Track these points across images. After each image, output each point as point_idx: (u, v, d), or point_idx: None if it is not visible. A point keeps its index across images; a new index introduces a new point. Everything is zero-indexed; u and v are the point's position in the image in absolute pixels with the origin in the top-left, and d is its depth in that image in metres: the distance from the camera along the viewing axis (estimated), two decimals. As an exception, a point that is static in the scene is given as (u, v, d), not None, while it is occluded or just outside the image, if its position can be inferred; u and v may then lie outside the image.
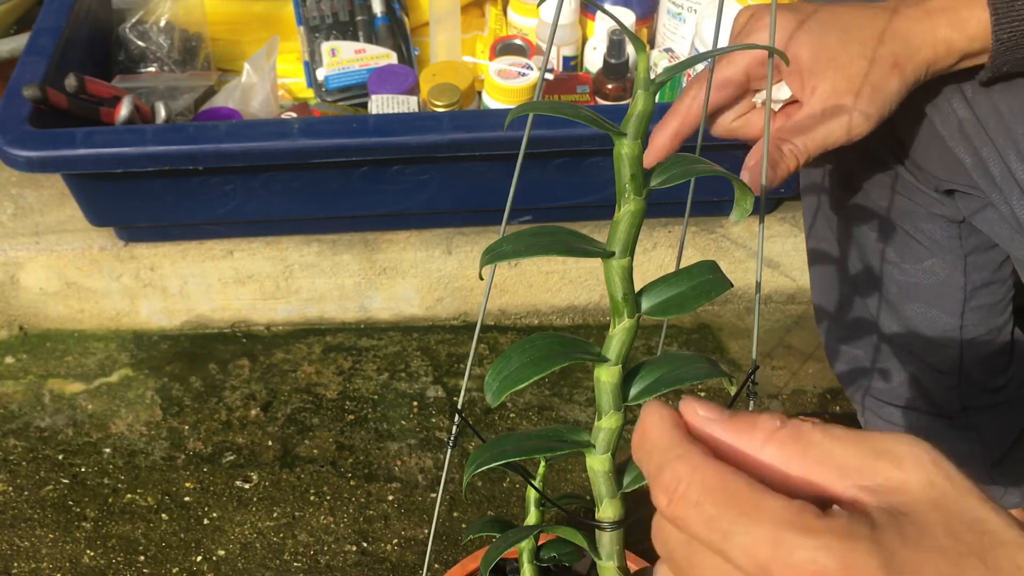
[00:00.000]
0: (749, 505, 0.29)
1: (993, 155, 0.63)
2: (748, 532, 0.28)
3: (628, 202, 0.39)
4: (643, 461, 0.33)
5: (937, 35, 0.57)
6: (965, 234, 0.73)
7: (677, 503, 0.30)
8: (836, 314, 0.85)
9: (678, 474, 0.31)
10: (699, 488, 0.30)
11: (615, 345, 0.42)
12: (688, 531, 0.30)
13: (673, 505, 0.30)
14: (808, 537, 0.28)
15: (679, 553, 0.31)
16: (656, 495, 0.31)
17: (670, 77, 0.37)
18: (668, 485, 0.31)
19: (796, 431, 0.31)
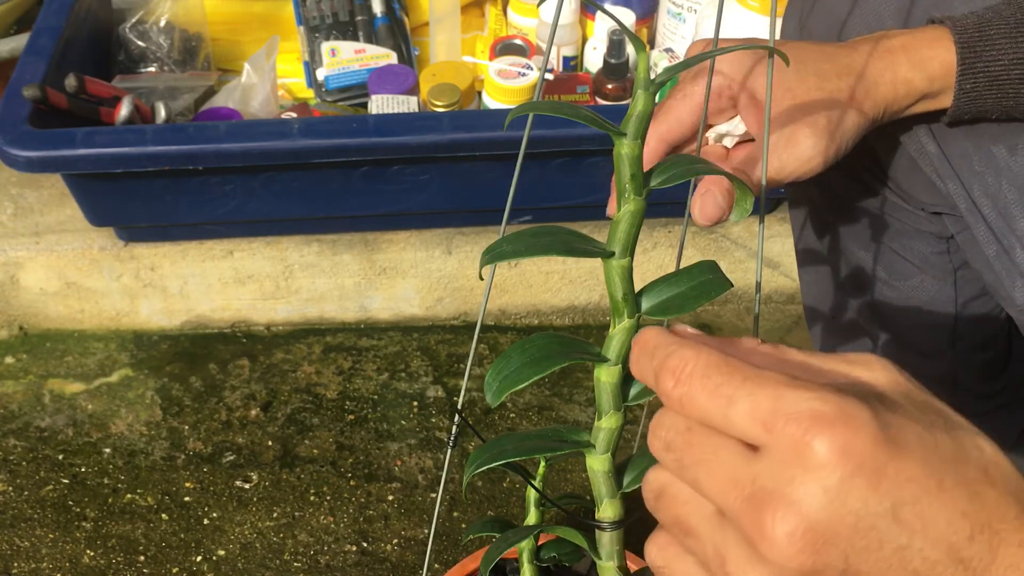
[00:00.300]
0: (752, 373, 0.31)
1: (959, 190, 0.63)
2: (752, 394, 0.31)
3: (628, 202, 0.39)
4: (645, 361, 0.35)
5: (897, 74, 0.56)
6: (954, 249, 0.73)
7: (684, 380, 0.32)
8: (828, 321, 0.85)
9: (685, 356, 0.33)
10: (705, 363, 0.32)
11: (615, 345, 0.42)
12: (693, 405, 0.32)
13: (680, 384, 0.33)
14: (808, 391, 0.30)
15: (679, 441, 0.33)
16: (663, 380, 0.33)
17: (670, 77, 0.37)
18: (675, 367, 0.33)
19: (775, 346, 0.34)
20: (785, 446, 0.30)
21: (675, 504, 0.34)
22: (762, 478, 0.30)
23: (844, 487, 0.29)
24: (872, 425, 0.30)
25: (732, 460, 0.31)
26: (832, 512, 0.29)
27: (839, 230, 0.77)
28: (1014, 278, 0.62)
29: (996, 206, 0.61)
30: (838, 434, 0.29)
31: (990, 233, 0.62)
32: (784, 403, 0.30)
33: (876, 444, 0.29)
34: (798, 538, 0.29)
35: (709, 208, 0.52)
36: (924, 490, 0.30)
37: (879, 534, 0.29)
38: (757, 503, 0.30)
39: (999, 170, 0.61)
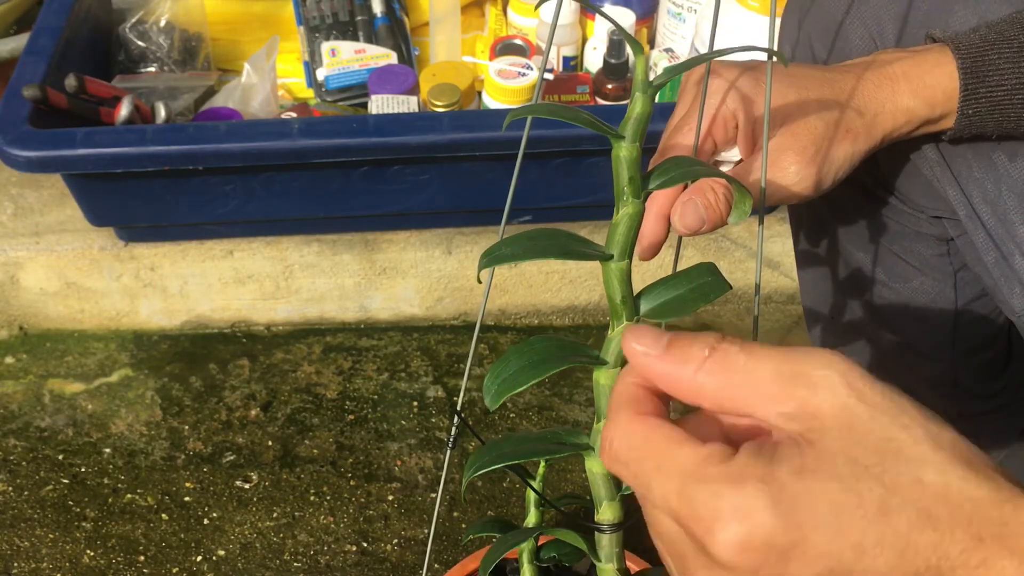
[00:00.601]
0: (663, 458, 0.32)
1: (958, 195, 0.62)
2: (662, 485, 0.32)
3: (626, 205, 0.39)
4: None
5: (898, 103, 0.55)
6: (954, 251, 0.73)
7: (609, 458, 0.34)
8: (827, 322, 0.85)
9: (609, 436, 0.34)
10: (625, 447, 0.34)
11: (614, 348, 0.42)
12: (624, 478, 0.34)
13: (607, 458, 0.35)
14: (705, 485, 0.31)
15: (629, 479, 0.35)
16: (600, 448, 0.36)
17: (668, 79, 0.37)
18: (603, 446, 0.35)
19: (723, 358, 0.33)
20: (692, 542, 0.31)
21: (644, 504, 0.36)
22: (687, 548, 0.32)
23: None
24: (768, 515, 0.29)
25: (667, 522, 0.33)
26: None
27: (839, 232, 0.77)
28: (1012, 285, 0.62)
29: (996, 212, 0.61)
30: (734, 532, 0.30)
31: (989, 239, 0.62)
32: (685, 502, 0.31)
33: (775, 533, 0.29)
34: None
35: (689, 217, 0.52)
36: (839, 562, 0.29)
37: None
38: (687, 565, 0.33)
39: (999, 177, 0.60)
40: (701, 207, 0.51)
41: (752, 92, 0.55)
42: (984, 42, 0.55)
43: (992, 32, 0.55)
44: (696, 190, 0.52)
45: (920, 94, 0.55)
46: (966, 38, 0.56)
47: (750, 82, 0.56)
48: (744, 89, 0.55)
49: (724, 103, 0.55)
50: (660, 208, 0.55)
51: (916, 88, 0.55)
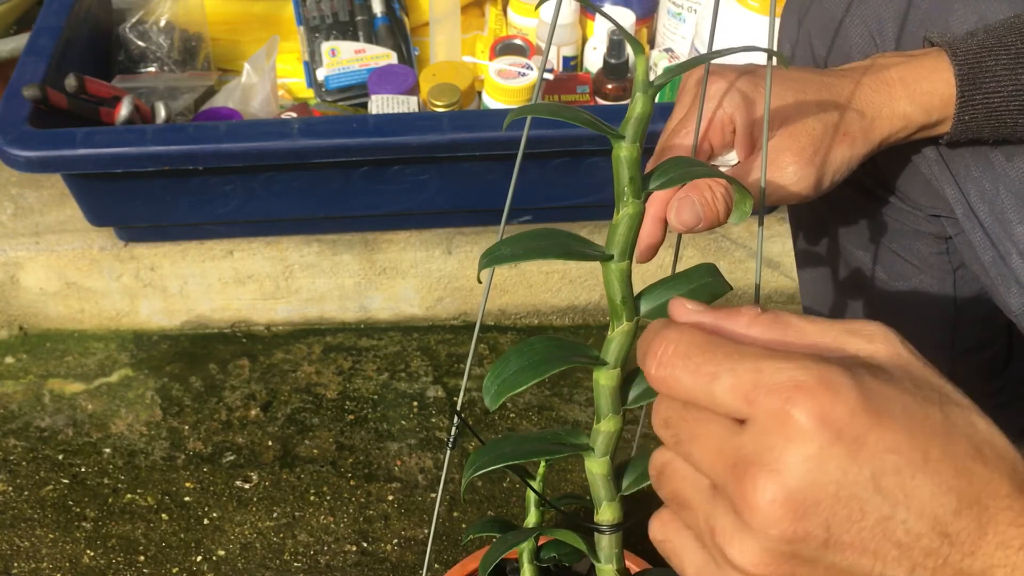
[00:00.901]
0: (732, 350, 0.32)
1: (956, 194, 0.63)
2: (732, 369, 0.31)
3: (627, 205, 0.39)
4: (639, 350, 0.35)
5: (895, 109, 0.56)
6: (953, 249, 0.73)
7: (667, 362, 0.33)
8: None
9: (668, 337, 0.33)
10: (687, 344, 0.33)
11: (614, 349, 0.42)
12: (677, 386, 0.33)
13: (662, 365, 0.33)
14: (787, 361, 0.31)
15: (675, 418, 0.34)
16: (647, 363, 0.34)
17: (669, 79, 0.37)
18: (658, 349, 0.33)
19: (775, 315, 0.34)
20: (766, 417, 0.30)
21: (673, 479, 0.35)
22: (746, 448, 0.31)
23: (823, 455, 0.29)
24: (853, 393, 0.30)
25: (720, 433, 0.32)
26: (812, 480, 0.29)
27: (838, 230, 0.77)
28: (1009, 284, 0.62)
29: (993, 211, 0.61)
30: (817, 403, 0.29)
31: (986, 238, 0.62)
32: (763, 375, 0.31)
33: (855, 413, 0.30)
34: (779, 505, 0.30)
35: (686, 214, 0.52)
36: (907, 461, 0.30)
37: (860, 503, 0.30)
38: (740, 472, 0.31)
39: (996, 176, 0.61)
40: (698, 204, 0.52)
41: (750, 95, 0.56)
42: (981, 48, 0.55)
43: (990, 37, 0.55)
44: (693, 187, 0.52)
45: (917, 100, 0.56)
46: (963, 43, 0.56)
47: (748, 85, 0.56)
48: (741, 92, 0.55)
49: (721, 106, 0.55)
50: (657, 210, 0.55)
51: (913, 94, 0.56)
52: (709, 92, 0.55)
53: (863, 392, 0.30)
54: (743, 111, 0.55)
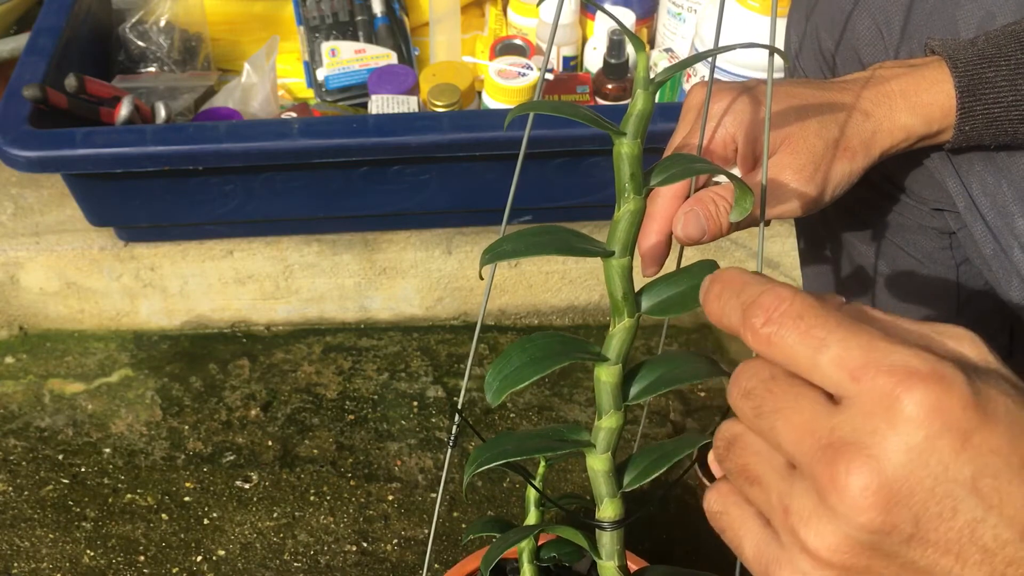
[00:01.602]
0: (847, 322, 0.30)
1: (958, 188, 0.63)
2: (844, 341, 0.30)
3: (628, 201, 0.39)
4: (730, 297, 0.33)
5: (895, 121, 0.56)
6: (956, 244, 0.73)
7: (777, 319, 0.31)
8: None
9: (781, 295, 0.31)
10: (801, 304, 0.31)
11: (615, 344, 0.42)
12: (782, 344, 0.31)
13: (771, 322, 0.31)
14: (903, 347, 0.29)
15: (759, 389, 0.32)
16: (753, 316, 0.32)
17: (669, 76, 0.37)
18: (769, 304, 0.31)
19: (860, 308, 0.33)
20: (872, 398, 0.29)
21: (745, 453, 0.33)
22: (842, 428, 0.29)
23: (927, 447, 0.28)
24: (965, 389, 0.29)
25: (812, 409, 0.30)
26: (910, 471, 0.28)
27: (842, 225, 0.78)
28: (1011, 277, 0.63)
29: (995, 205, 0.61)
30: (930, 392, 0.28)
31: (988, 232, 0.63)
32: (877, 354, 0.29)
33: (966, 409, 0.28)
34: (871, 492, 0.28)
35: (691, 227, 0.53)
36: (1007, 465, 0.29)
37: (954, 502, 0.29)
38: (833, 452, 0.29)
39: (999, 170, 0.61)
40: (703, 218, 0.53)
41: (750, 113, 0.56)
42: (981, 58, 0.55)
43: (990, 46, 0.56)
44: (698, 201, 0.53)
45: (918, 112, 0.56)
46: (964, 53, 0.56)
47: (748, 104, 0.56)
48: (742, 111, 0.56)
49: (723, 125, 0.56)
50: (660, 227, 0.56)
51: (914, 106, 0.56)
52: (710, 112, 0.56)
53: (974, 389, 0.29)
54: (744, 129, 0.56)
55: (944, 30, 0.61)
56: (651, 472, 0.45)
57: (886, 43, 0.64)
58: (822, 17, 0.68)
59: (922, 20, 0.62)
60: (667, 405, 1.14)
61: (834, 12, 0.66)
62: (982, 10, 0.60)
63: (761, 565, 0.33)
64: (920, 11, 0.62)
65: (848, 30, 0.65)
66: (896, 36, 0.63)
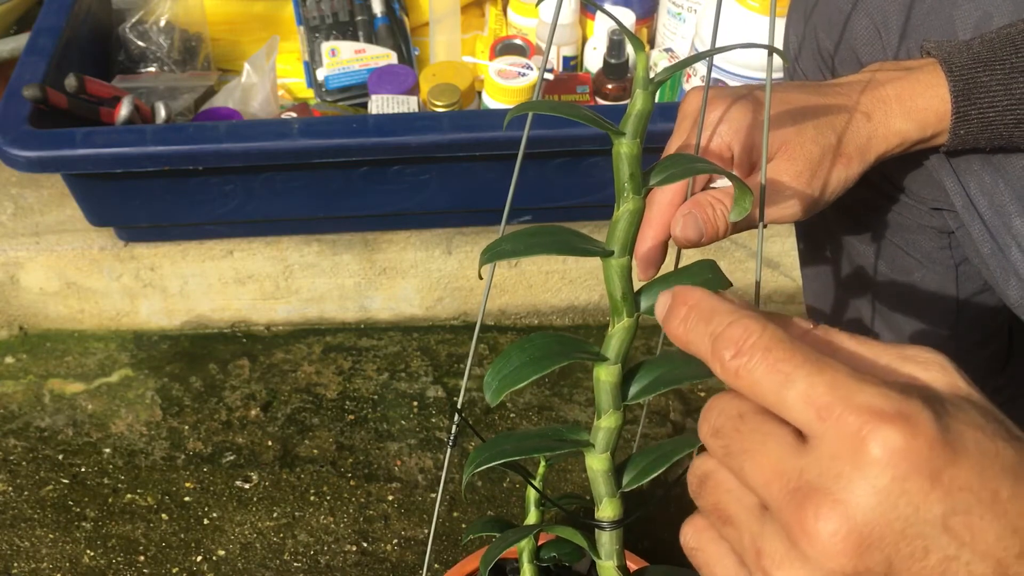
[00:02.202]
0: (814, 357, 0.30)
1: (956, 187, 0.63)
2: (810, 376, 0.29)
3: (627, 201, 0.39)
4: (699, 325, 0.33)
5: (891, 127, 0.56)
6: (955, 244, 0.73)
7: (746, 351, 0.31)
8: (829, 317, 0.85)
9: (750, 327, 0.31)
10: (770, 338, 0.31)
11: (614, 344, 0.42)
12: (750, 379, 0.31)
13: (741, 354, 0.31)
14: (869, 385, 0.29)
15: (728, 427, 0.32)
16: (722, 349, 0.31)
17: (669, 76, 0.37)
18: (738, 337, 0.31)
19: (826, 333, 0.33)
20: (838, 438, 0.29)
21: (717, 491, 0.33)
22: (809, 471, 0.29)
23: (896, 489, 0.28)
24: (932, 427, 0.28)
25: (780, 450, 0.30)
26: (880, 515, 0.28)
27: (840, 225, 0.78)
28: (1008, 276, 0.63)
29: (992, 204, 0.61)
30: (896, 433, 0.28)
31: (985, 231, 0.63)
32: (842, 392, 0.29)
33: (933, 447, 0.28)
34: (841, 538, 0.28)
35: (689, 230, 0.53)
36: (977, 500, 0.28)
37: (925, 542, 0.28)
38: (801, 497, 0.29)
39: (996, 169, 0.61)
40: (700, 221, 0.53)
41: (746, 121, 0.56)
42: (976, 62, 0.56)
43: (985, 49, 0.56)
44: (696, 204, 0.53)
45: (913, 117, 0.56)
46: (959, 56, 0.56)
47: (742, 111, 0.56)
48: (738, 119, 0.56)
49: (718, 133, 0.56)
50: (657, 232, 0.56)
51: (909, 111, 0.56)
52: (705, 122, 0.56)
53: (941, 426, 0.29)
54: (740, 136, 0.56)
55: (941, 30, 0.61)
56: (650, 472, 0.46)
57: (884, 43, 0.64)
58: (821, 17, 0.68)
59: (920, 20, 0.62)
60: (667, 405, 1.14)
61: (832, 12, 0.67)
62: (979, 10, 0.60)
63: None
64: (918, 11, 0.62)
65: (846, 30, 0.65)
66: (894, 36, 0.63)
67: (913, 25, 0.62)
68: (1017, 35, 0.56)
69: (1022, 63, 0.55)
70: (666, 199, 0.56)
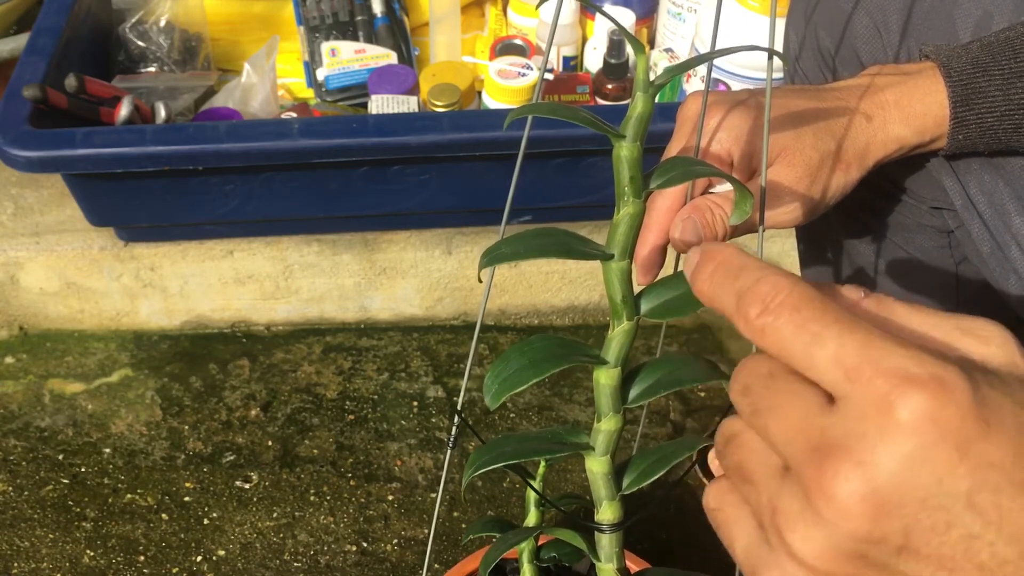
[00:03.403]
0: (846, 316, 0.29)
1: (955, 185, 0.63)
2: (840, 336, 0.28)
3: (627, 204, 0.39)
4: (726, 281, 0.32)
5: (889, 133, 0.56)
6: (955, 243, 0.73)
7: (773, 310, 0.30)
8: None
9: (779, 284, 0.30)
10: (799, 295, 0.30)
11: (614, 347, 0.42)
12: (776, 337, 0.30)
13: (767, 312, 0.30)
14: (903, 347, 0.28)
15: (757, 386, 0.31)
16: (748, 306, 0.30)
17: (669, 79, 0.37)
18: (765, 293, 0.30)
19: (879, 301, 0.31)
20: (865, 400, 0.28)
21: (741, 451, 0.32)
22: (833, 430, 0.28)
23: (920, 457, 0.27)
24: (966, 397, 0.27)
25: (806, 409, 0.29)
26: (901, 481, 0.27)
27: (841, 225, 0.78)
28: (1008, 275, 0.63)
29: (991, 203, 0.61)
30: (927, 398, 0.27)
31: (985, 230, 0.63)
32: (874, 354, 0.28)
33: (965, 419, 0.27)
34: (858, 499, 0.27)
35: (688, 234, 0.53)
36: (1008, 480, 0.27)
37: (948, 516, 0.27)
38: (822, 456, 0.28)
39: (996, 168, 0.61)
40: (699, 225, 0.53)
41: (743, 127, 0.56)
42: (975, 67, 0.56)
43: (984, 54, 0.56)
44: (696, 208, 0.53)
45: (911, 123, 0.57)
46: (958, 61, 0.56)
47: (740, 117, 0.56)
48: (736, 126, 0.56)
49: (716, 140, 0.56)
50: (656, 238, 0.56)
51: (907, 116, 0.57)
52: (704, 127, 0.56)
53: (977, 398, 0.27)
54: (740, 143, 0.56)
55: (942, 29, 0.61)
56: (650, 475, 0.45)
57: (885, 42, 0.64)
58: (822, 17, 0.68)
59: (920, 19, 0.62)
60: (667, 405, 1.14)
61: (834, 11, 0.67)
62: (980, 9, 0.60)
63: (750, 565, 0.32)
64: (918, 11, 0.62)
65: (847, 30, 0.66)
66: (895, 36, 0.63)
67: (914, 24, 0.62)
68: (1016, 39, 0.56)
69: (1021, 68, 0.55)
70: (665, 204, 0.56)
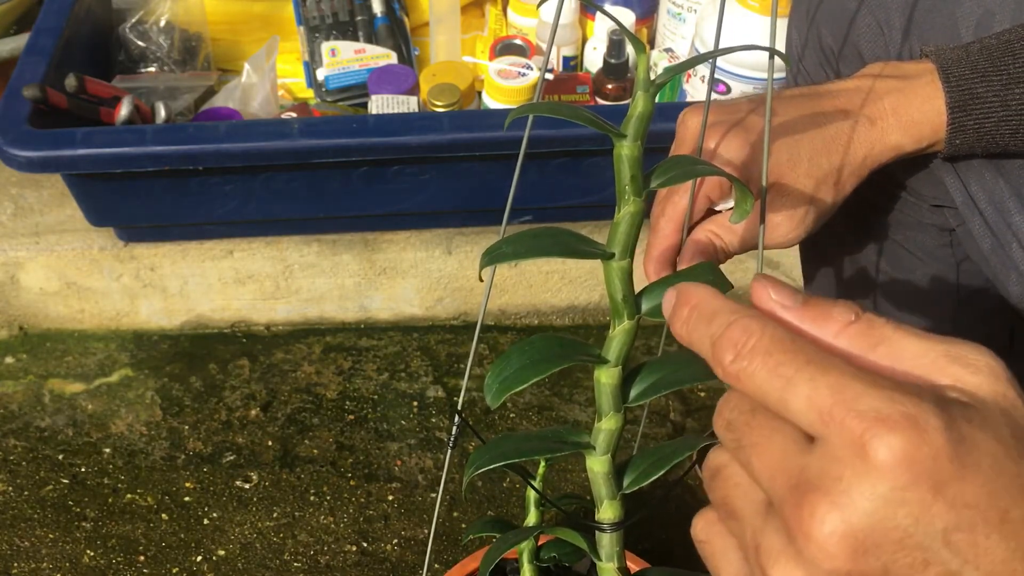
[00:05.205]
0: (818, 358, 0.29)
1: (956, 183, 0.63)
2: (813, 379, 0.29)
3: (628, 204, 0.39)
4: (700, 325, 0.32)
5: (887, 142, 0.57)
6: (956, 242, 0.73)
7: (745, 355, 0.30)
8: None
9: (750, 328, 0.30)
10: (770, 339, 0.30)
11: (615, 347, 0.42)
12: (751, 382, 0.30)
13: (740, 358, 0.30)
14: (875, 388, 0.28)
15: (739, 421, 0.31)
16: (722, 352, 0.31)
17: (670, 78, 0.37)
18: (737, 339, 0.30)
19: (869, 325, 0.31)
20: (839, 442, 0.28)
21: (727, 485, 0.32)
22: (811, 470, 0.28)
23: (895, 498, 0.27)
24: (940, 436, 0.27)
25: (786, 447, 0.29)
26: (877, 521, 0.27)
27: (841, 223, 0.78)
28: (1009, 272, 0.63)
29: (992, 202, 0.62)
30: (900, 439, 0.27)
31: (986, 227, 0.63)
32: (847, 395, 0.28)
33: (939, 458, 0.27)
34: (837, 540, 0.28)
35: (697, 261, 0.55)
36: (983, 519, 0.27)
37: (925, 555, 0.27)
38: (800, 494, 0.28)
39: (996, 167, 0.61)
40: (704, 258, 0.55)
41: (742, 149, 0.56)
42: (974, 72, 0.56)
43: (983, 58, 0.56)
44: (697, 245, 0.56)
45: (909, 131, 0.57)
46: (957, 66, 0.56)
47: (738, 139, 0.56)
48: (733, 148, 0.56)
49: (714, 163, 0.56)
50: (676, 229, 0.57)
51: (905, 124, 0.57)
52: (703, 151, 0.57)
53: (952, 436, 0.27)
54: (737, 169, 0.56)
55: (944, 28, 0.61)
56: (651, 474, 0.45)
57: (887, 40, 0.64)
58: (824, 15, 0.68)
59: (922, 17, 0.62)
60: (667, 405, 1.14)
61: (836, 10, 0.67)
62: (981, 8, 0.60)
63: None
64: (920, 9, 0.62)
65: (851, 28, 0.66)
66: (897, 34, 0.63)
67: (916, 22, 0.62)
68: (1016, 42, 0.56)
69: (1020, 72, 0.55)
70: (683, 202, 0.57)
